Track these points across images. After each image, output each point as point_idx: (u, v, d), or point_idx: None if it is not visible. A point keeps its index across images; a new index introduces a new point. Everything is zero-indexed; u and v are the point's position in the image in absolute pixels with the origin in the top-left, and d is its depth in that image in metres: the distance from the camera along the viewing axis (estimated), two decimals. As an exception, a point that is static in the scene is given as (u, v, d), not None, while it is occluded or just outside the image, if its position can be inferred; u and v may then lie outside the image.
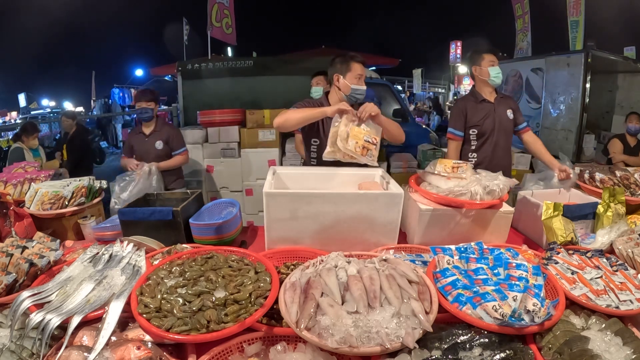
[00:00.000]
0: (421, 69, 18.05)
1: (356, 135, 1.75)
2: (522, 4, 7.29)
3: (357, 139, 1.74)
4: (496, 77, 2.33)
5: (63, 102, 19.11)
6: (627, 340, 1.05)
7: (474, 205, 1.64)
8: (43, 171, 2.46)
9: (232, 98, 4.27)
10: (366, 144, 1.75)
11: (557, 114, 4.93)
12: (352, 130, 1.75)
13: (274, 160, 3.83)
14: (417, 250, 1.61)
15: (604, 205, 1.81)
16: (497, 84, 2.37)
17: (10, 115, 15.56)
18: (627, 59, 5.18)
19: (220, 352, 1.05)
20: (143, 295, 1.12)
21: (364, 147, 1.75)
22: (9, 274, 1.27)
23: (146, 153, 2.90)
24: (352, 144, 1.73)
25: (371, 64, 10.46)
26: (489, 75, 2.33)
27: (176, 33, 7.85)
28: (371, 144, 1.75)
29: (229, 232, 1.73)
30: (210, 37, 5.27)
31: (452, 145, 2.48)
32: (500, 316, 1.03)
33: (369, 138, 1.76)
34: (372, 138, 1.76)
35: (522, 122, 2.47)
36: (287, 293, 1.11)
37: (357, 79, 1.97)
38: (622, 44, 8.15)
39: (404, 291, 1.10)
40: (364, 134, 1.76)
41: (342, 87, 2.00)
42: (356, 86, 1.96)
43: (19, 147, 4.31)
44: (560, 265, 1.37)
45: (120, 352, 0.96)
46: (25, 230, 1.81)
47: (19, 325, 1.09)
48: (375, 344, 0.95)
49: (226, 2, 5.43)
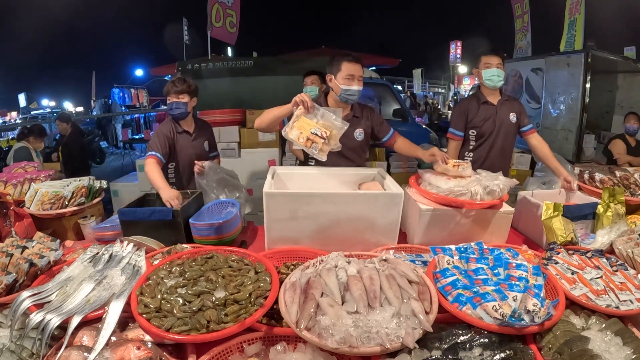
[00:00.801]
0: (421, 69, 18.06)
1: (302, 127, 1.77)
2: (522, 3, 7.30)
3: (303, 129, 1.76)
4: (489, 79, 2.31)
5: (63, 102, 19.14)
6: (627, 340, 1.05)
7: (474, 205, 1.64)
8: (43, 171, 2.46)
9: (232, 98, 4.26)
10: (312, 136, 1.74)
11: (557, 114, 4.93)
12: (300, 120, 1.78)
13: (274, 160, 3.83)
14: (417, 250, 1.61)
15: (603, 205, 1.81)
16: (491, 86, 2.34)
17: (10, 115, 15.56)
18: (627, 59, 5.17)
19: (220, 352, 1.04)
20: (143, 295, 1.12)
21: (309, 138, 1.75)
22: (9, 274, 1.27)
23: (197, 157, 2.28)
24: (295, 133, 1.77)
25: (371, 64, 10.47)
26: (483, 78, 2.34)
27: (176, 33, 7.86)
28: (319, 137, 1.73)
29: (229, 232, 1.73)
30: (210, 37, 5.27)
31: (452, 144, 2.48)
32: (500, 316, 1.03)
33: (318, 131, 1.74)
34: (322, 132, 1.74)
35: (526, 124, 2.44)
36: (287, 293, 1.11)
37: (348, 79, 1.93)
38: (622, 44, 8.15)
39: (404, 291, 1.10)
40: (312, 127, 1.75)
41: (334, 87, 2.00)
42: (345, 86, 1.94)
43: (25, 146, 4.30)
44: (560, 266, 1.37)
45: (120, 352, 0.96)
46: (25, 230, 1.81)
47: (19, 325, 1.09)
48: (375, 344, 0.95)
49: (228, 2, 5.42)
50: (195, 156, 2.29)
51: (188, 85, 2.22)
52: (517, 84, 5.79)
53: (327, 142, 1.74)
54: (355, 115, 2.08)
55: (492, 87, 2.36)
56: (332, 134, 1.75)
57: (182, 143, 2.30)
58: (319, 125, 1.76)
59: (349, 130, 2.07)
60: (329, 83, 2.02)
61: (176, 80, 2.22)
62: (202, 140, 2.39)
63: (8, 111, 15.87)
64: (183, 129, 2.30)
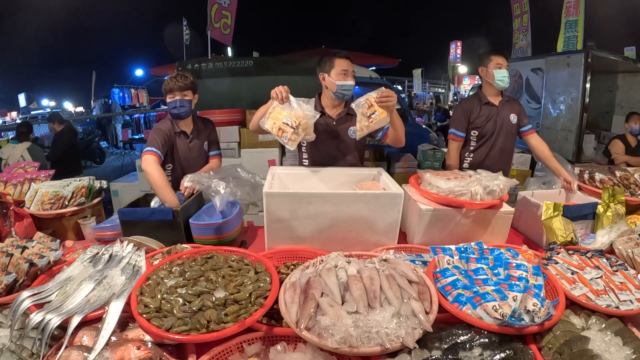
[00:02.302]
0: (421, 69, 18.06)
1: (275, 117, 1.80)
2: (521, 3, 7.30)
3: (276, 119, 1.80)
4: (501, 80, 2.31)
5: (63, 102, 19.12)
6: (627, 340, 1.05)
7: (474, 206, 1.64)
8: (43, 171, 2.46)
9: (232, 98, 4.26)
10: (283, 125, 1.77)
11: (557, 114, 4.94)
12: (274, 110, 1.82)
13: (274, 160, 3.83)
14: (417, 250, 1.61)
15: (603, 205, 1.81)
16: (501, 87, 2.34)
17: (10, 115, 15.55)
18: (627, 59, 5.18)
19: (220, 352, 1.04)
20: (143, 295, 1.12)
21: (280, 128, 1.78)
22: (9, 274, 1.27)
23: (194, 159, 2.22)
24: (270, 123, 1.81)
25: (371, 64, 10.46)
26: (494, 78, 2.32)
27: (176, 33, 7.87)
28: (289, 126, 1.76)
29: (229, 232, 1.73)
30: (210, 37, 5.28)
31: (453, 145, 2.48)
32: (500, 316, 1.03)
33: (289, 121, 1.77)
34: (292, 121, 1.76)
35: (526, 125, 2.44)
36: (287, 293, 1.11)
37: (342, 74, 1.94)
38: (622, 44, 8.15)
39: (404, 291, 1.10)
40: (284, 117, 1.78)
41: (328, 85, 2.00)
42: (341, 82, 1.94)
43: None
44: (560, 266, 1.37)
45: (120, 352, 0.96)
46: (25, 230, 1.81)
47: (19, 325, 1.09)
48: (375, 344, 0.95)
49: (225, 3, 5.42)
50: (193, 159, 2.22)
51: (191, 81, 2.09)
52: (517, 84, 5.79)
53: (296, 132, 1.77)
54: (349, 113, 2.07)
55: (502, 88, 2.36)
56: (302, 123, 1.76)
57: (179, 144, 2.19)
58: (290, 115, 1.78)
59: (343, 128, 2.07)
60: (322, 82, 2.03)
61: (178, 77, 2.06)
62: (200, 142, 2.26)
63: (8, 111, 15.86)
64: (181, 130, 2.17)
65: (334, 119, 2.07)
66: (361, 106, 1.79)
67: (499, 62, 2.31)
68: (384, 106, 1.76)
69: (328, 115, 2.07)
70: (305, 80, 3.35)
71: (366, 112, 1.79)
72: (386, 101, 1.75)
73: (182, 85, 2.04)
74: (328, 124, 2.05)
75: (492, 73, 2.32)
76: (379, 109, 1.78)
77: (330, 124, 2.06)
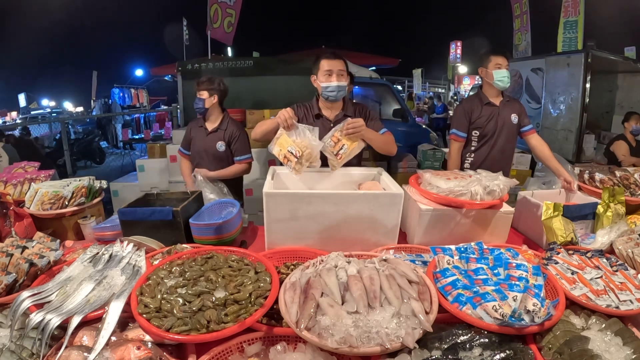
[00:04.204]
0: (421, 69, 18.05)
1: (281, 144, 1.84)
2: (521, 3, 7.31)
3: (282, 147, 1.84)
4: (500, 80, 2.31)
5: (63, 102, 19.12)
6: (627, 340, 1.05)
7: (474, 206, 1.64)
8: (43, 171, 2.46)
9: (232, 98, 4.25)
10: (288, 154, 1.81)
11: (557, 114, 4.94)
12: (281, 137, 1.85)
13: (274, 160, 3.83)
14: (417, 250, 1.61)
15: (603, 205, 1.81)
16: (501, 87, 2.34)
17: (10, 115, 15.55)
18: (627, 59, 5.18)
19: (220, 352, 1.05)
20: (143, 295, 1.12)
21: (285, 156, 1.82)
22: (9, 274, 1.27)
23: (204, 152, 2.55)
24: (276, 150, 1.85)
25: (371, 64, 10.46)
26: (494, 78, 2.32)
27: (176, 33, 7.86)
28: (293, 155, 1.79)
29: (229, 232, 1.73)
30: (210, 37, 5.28)
31: (455, 145, 2.47)
32: (500, 316, 1.03)
33: (293, 150, 1.79)
34: (296, 151, 1.79)
35: (526, 125, 2.44)
36: (287, 293, 1.11)
37: (326, 74, 1.94)
38: (622, 44, 8.15)
39: (404, 291, 1.10)
40: (289, 144, 1.81)
41: (317, 87, 2.01)
42: (325, 83, 1.95)
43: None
44: (560, 266, 1.37)
45: (120, 352, 0.96)
46: (25, 230, 1.81)
47: (19, 325, 1.09)
48: (375, 344, 0.95)
49: (230, 1, 5.40)
50: (204, 152, 2.54)
51: (209, 82, 2.48)
52: (517, 84, 5.80)
53: (300, 162, 1.79)
54: (346, 114, 2.06)
55: (501, 88, 2.36)
56: (305, 153, 1.79)
57: (197, 136, 2.60)
58: (296, 143, 1.81)
59: None
60: (314, 84, 2.03)
61: (201, 78, 2.52)
62: (216, 139, 2.53)
63: (8, 111, 15.86)
64: (203, 124, 2.58)
65: (331, 120, 2.07)
66: (327, 145, 1.84)
67: (499, 63, 2.31)
68: (353, 136, 1.82)
69: (325, 118, 2.07)
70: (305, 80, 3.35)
71: (333, 150, 1.84)
72: (353, 131, 1.80)
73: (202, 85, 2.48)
74: (325, 127, 2.05)
75: (491, 73, 2.32)
76: (348, 141, 1.84)
77: (327, 127, 2.05)
